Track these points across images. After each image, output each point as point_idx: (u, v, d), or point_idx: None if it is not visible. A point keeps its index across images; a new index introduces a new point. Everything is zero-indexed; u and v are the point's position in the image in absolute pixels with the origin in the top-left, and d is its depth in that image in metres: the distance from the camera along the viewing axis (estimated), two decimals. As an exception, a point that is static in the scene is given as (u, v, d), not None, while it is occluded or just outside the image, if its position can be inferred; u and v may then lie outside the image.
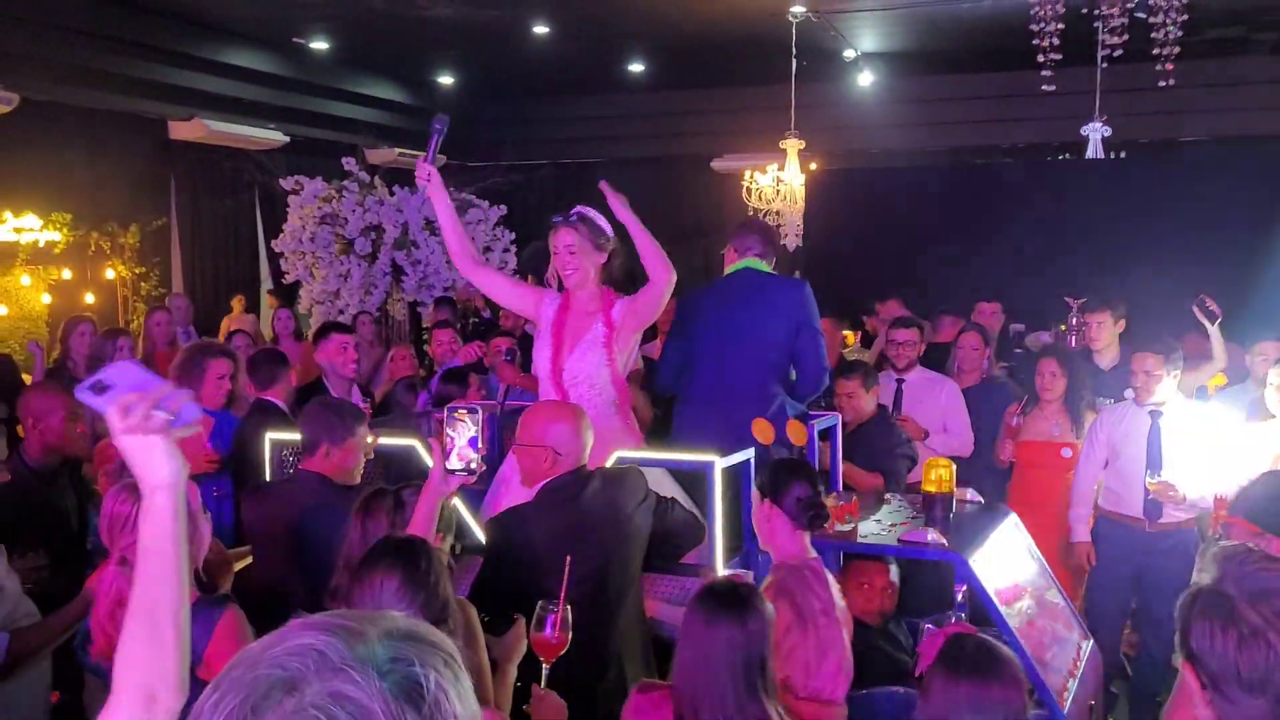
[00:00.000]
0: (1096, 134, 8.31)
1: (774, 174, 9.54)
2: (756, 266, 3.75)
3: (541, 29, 9.09)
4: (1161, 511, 4.05)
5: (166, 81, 8.76)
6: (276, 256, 8.50)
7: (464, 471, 2.34)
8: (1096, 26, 6.74)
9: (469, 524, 3.13)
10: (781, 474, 2.59)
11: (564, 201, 3.44)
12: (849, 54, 9.85)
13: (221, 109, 9.38)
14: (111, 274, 8.85)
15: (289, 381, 4.02)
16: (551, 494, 2.72)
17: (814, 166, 9.77)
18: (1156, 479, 3.94)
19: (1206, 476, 3.89)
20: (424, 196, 7.98)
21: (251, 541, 3.07)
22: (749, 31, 8.94)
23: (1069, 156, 10.02)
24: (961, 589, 2.68)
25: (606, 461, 2.97)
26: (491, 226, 8.44)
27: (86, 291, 8.61)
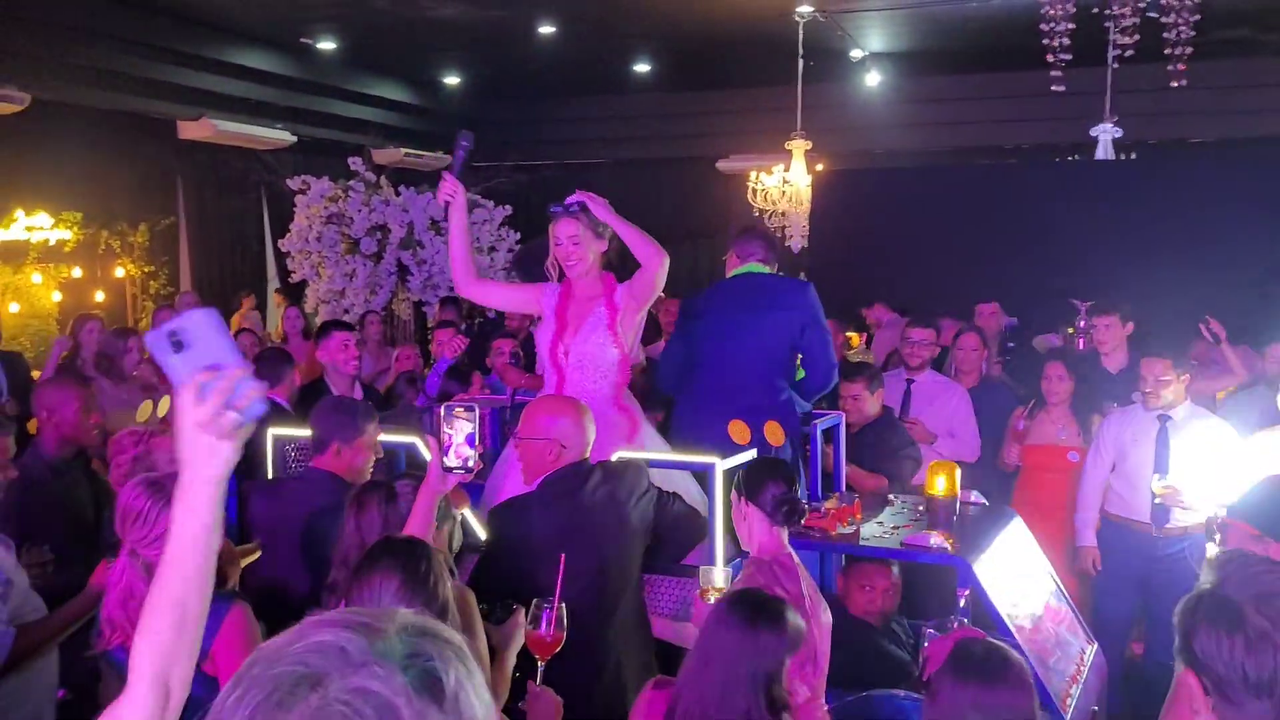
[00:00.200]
0: (1106, 135, 8.28)
1: (780, 175, 9.53)
2: (759, 271, 3.77)
3: (547, 29, 9.10)
4: (1169, 516, 4.03)
5: (175, 82, 8.80)
6: (283, 255, 8.52)
7: (461, 469, 2.34)
8: (1107, 27, 6.71)
9: (470, 523, 3.13)
10: (757, 473, 2.61)
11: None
12: (856, 54, 9.83)
13: (230, 109, 9.42)
14: (121, 272, 8.90)
15: (293, 380, 4.04)
16: (553, 487, 2.72)
17: (820, 167, 9.75)
18: (1163, 484, 3.92)
19: (1214, 482, 3.86)
20: (433, 200, 8.01)
21: (259, 538, 3.08)
22: (755, 32, 8.93)
23: (1078, 158, 9.98)
24: (964, 593, 2.67)
25: (609, 456, 2.97)
26: (496, 226, 8.45)
27: (96, 290, 8.67)
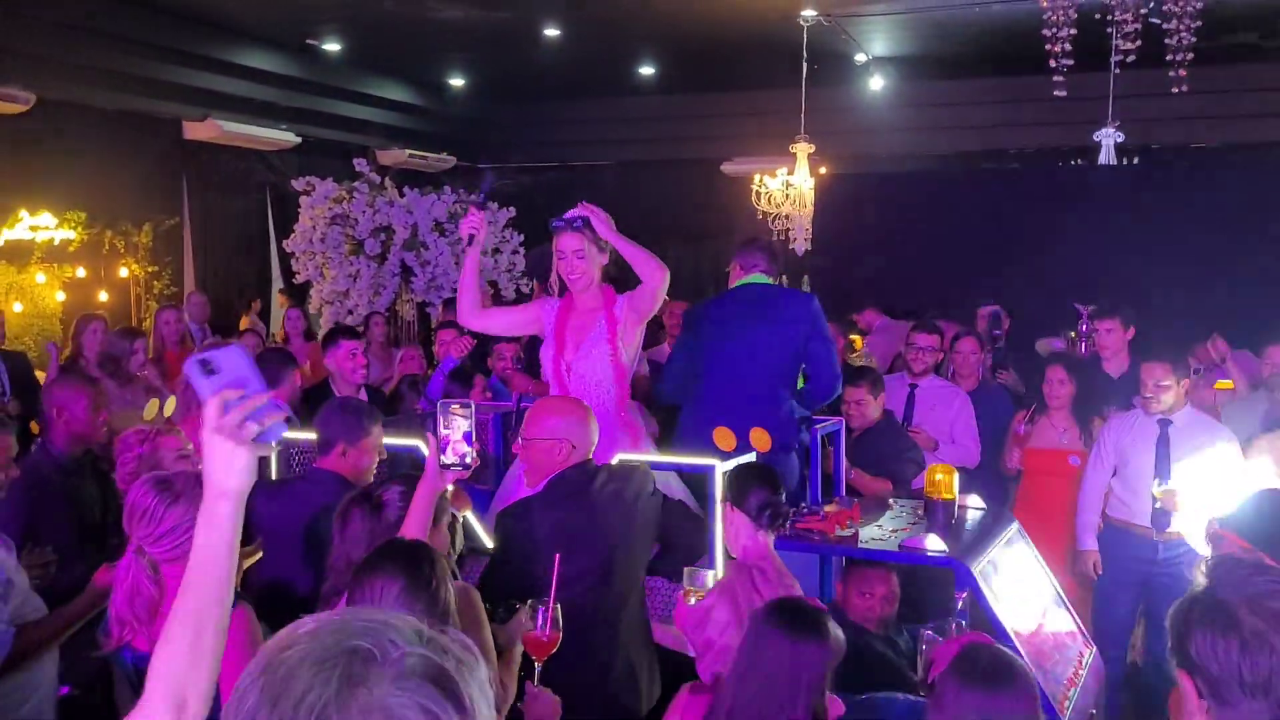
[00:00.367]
0: (1109, 140, 8.28)
1: (783, 178, 9.54)
2: (762, 283, 3.80)
3: (552, 32, 9.12)
4: (1169, 521, 4.03)
5: (181, 82, 8.83)
6: (288, 256, 8.55)
7: (458, 466, 2.35)
8: (1110, 32, 6.72)
9: (473, 526, 3.14)
10: (742, 478, 2.65)
11: (572, 204, 3.45)
12: (860, 58, 9.84)
13: (235, 109, 9.44)
14: (125, 272, 8.92)
15: (294, 382, 4.01)
16: (560, 487, 2.73)
17: (824, 171, 9.76)
18: (1164, 488, 3.92)
19: (1214, 487, 3.87)
20: (437, 202, 8.03)
21: (261, 538, 3.09)
22: (760, 35, 8.94)
23: (1080, 162, 9.99)
24: (962, 595, 2.68)
25: (610, 460, 2.98)
26: (500, 228, 8.46)
27: (100, 290, 8.68)
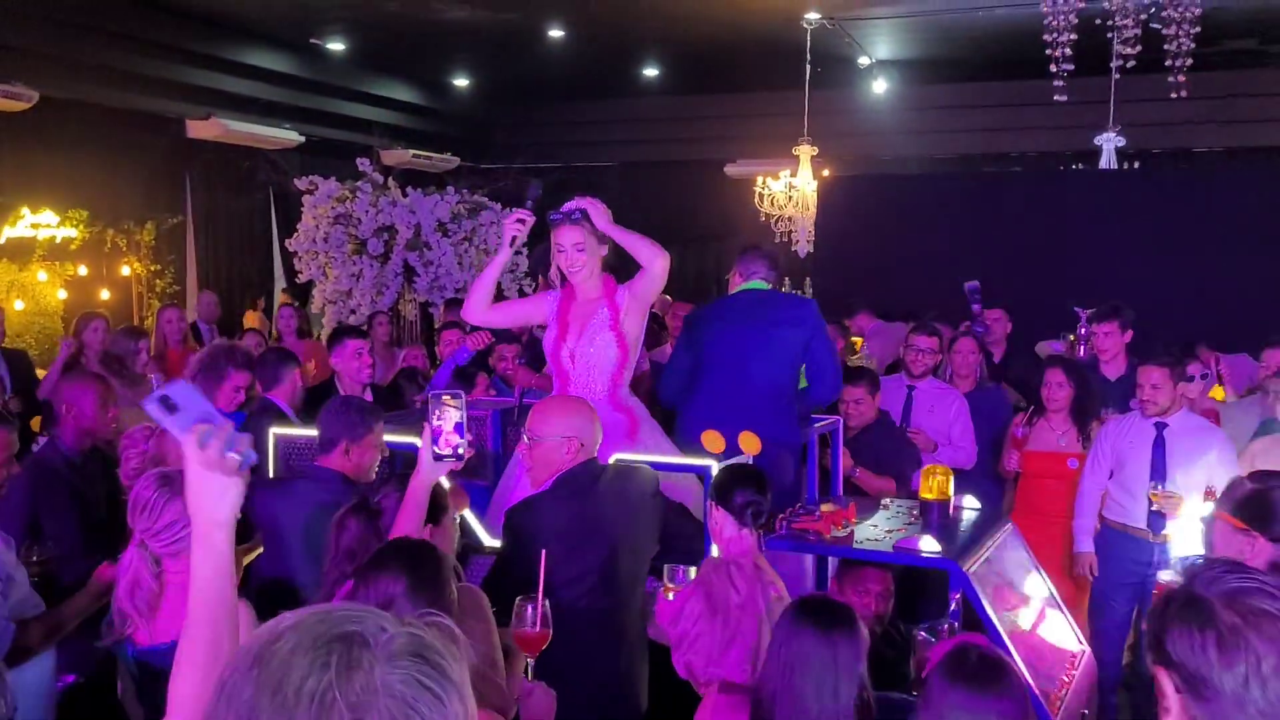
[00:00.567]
0: (1110, 144, 8.31)
1: (786, 180, 9.56)
2: (762, 288, 3.85)
3: (557, 33, 9.15)
4: (1165, 523, 4.05)
5: (185, 81, 8.86)
6: (291, 255, 8.57)
7: (451, 457, 2.36)
8: (1110, 37, 6.75)
9: (470, 524, 3.16)
10: (727, 479, 2.70)
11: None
12: (863, 61, 9.87)
13: (239, 108, 9.47)
14: (127, 271, 8.95)
15: (294, 381, 3.98)
16: (568, 485, 2.75)
17: (826, 173, 9.78)
18: (1160, 491, 3.94)
19: (1209, 489, 3.89)
20: (440, 202, 8.04)
21: (262, 535, 3.11)
22: (764, 37, 8.97)
23: (1082, 166, 10.01)
24: (956, 596, 2.70)
25: (608, 458, 3.00)
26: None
27: (102, 288, 8.71)
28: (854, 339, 6.70)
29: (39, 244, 8.12)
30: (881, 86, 10.39)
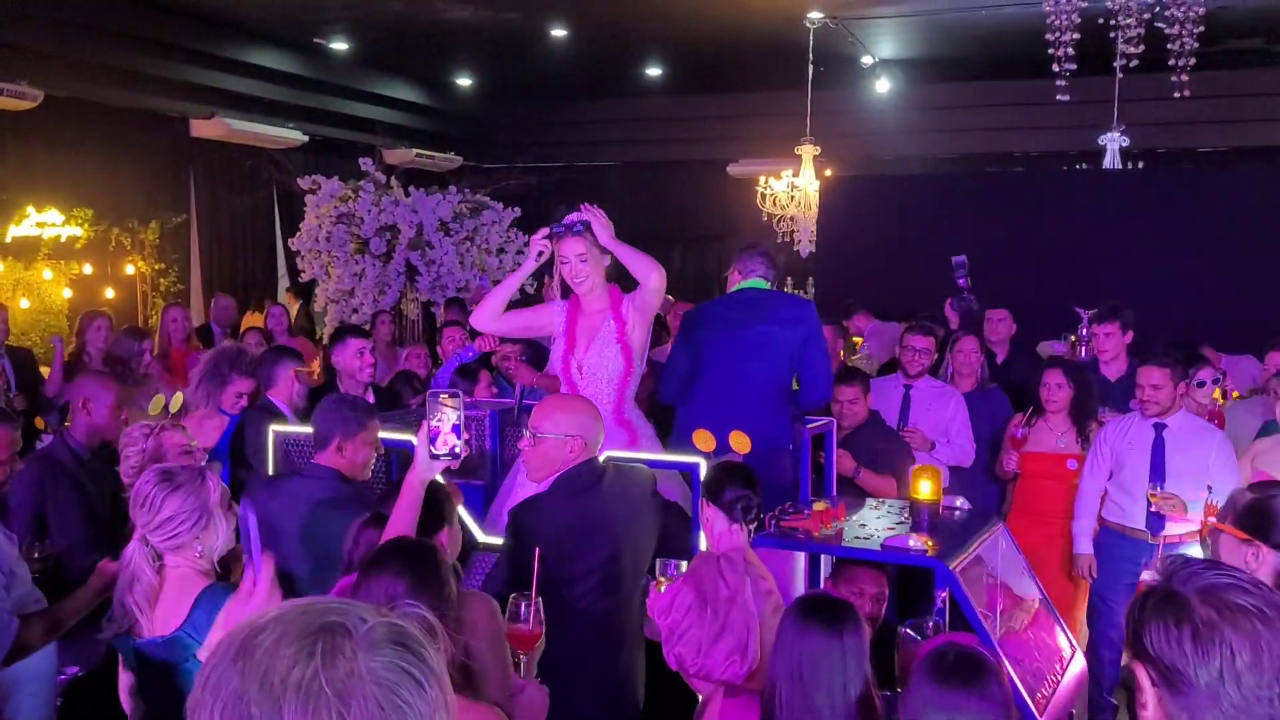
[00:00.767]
0: (1114, 144, 8.30)
1: (789, 180, 9.56)
2: (760, 287, 3.85)
3: (559, 32, 9.16)
4: (1164, 524, 4.04)
5: (188, 80, 8.89)
6: (294, 254, 8.59)
7: (448, 456, 2.36)
8: (1114, 37, 6.74)
9: (465, 522, 3.17)
10: (719, 476, 2.74)
11: (575, 207, 3.47)
12: (866, 60, 9.86)
13: (242, 108, 9.50)
14: (131, 269, 8.97)
15: (289, 379, 3.97)
16: (571, 483, 2.76)
17: (829, 173, 9.78)
18: (1159, 492, 3.93)
19: (1208, 490, 3.88)
20: (442, 202, 8.06)
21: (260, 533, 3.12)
22: (766, 37, 8.97)
23: (1086, 166, 10.00)
24: (942, 595, 2.70)
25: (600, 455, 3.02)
26: (505, 229, 8.50)
27: (106, 287, 8.73)
28: (854, 339, 6.71)
29: (44, 243, 8.15)
30: (884, 86, 10.39)
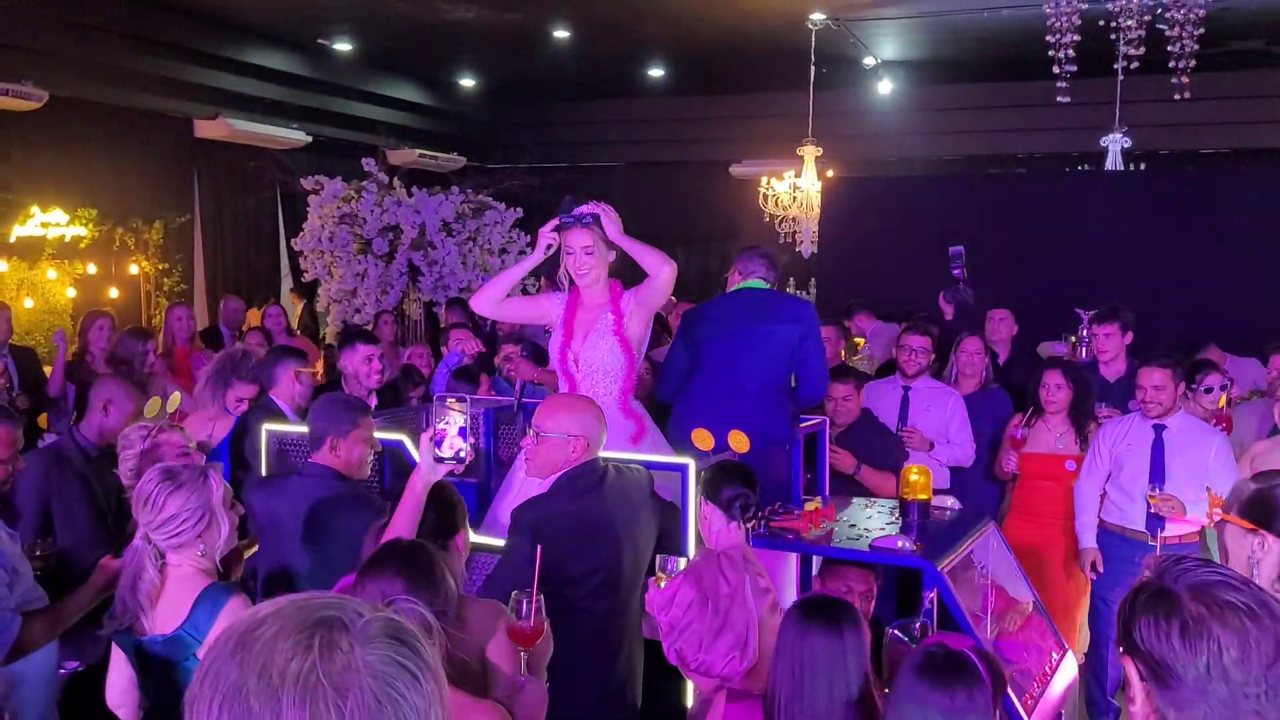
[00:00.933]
0: (1116, 145, 8.30)
1: (791, 180, 9.57)
2: (760, 287, 3.87)
3: (562, 33, 9.17)
4: (1164, 525, 4.05)
5: (192, 80, 8.91)
6: (297, 255, 8.61)
7: (453, 460, 2.37)
8: (1115, 39, 6.74)
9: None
10: (717, 475, 2.76)
11: (580, 198, 3.48)
12: (869, 61, 9.87)
13: (246, 108, 9.53)
14: (135, 269, 8.99)
15: (291, 379, 3.98)
16: (575, 483, 2.76)
17: (831, 174, 9.79)
18: (1158, 493, 3.94)
19: (1206, 491, 3.88)
20: (444, 202, 8.08)
21: (257, 532, 3.14)
22: (769, 38, 8.98)
23: (1088, 168, 9.99)
24: (930, 595, 2.71)
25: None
26: (508, 228, 8.51)
27: (110, 286, 8.75)
28: (856, 340, 6.71)
29: (48, 242, 8.17)
30: (886, 87, 10.39)
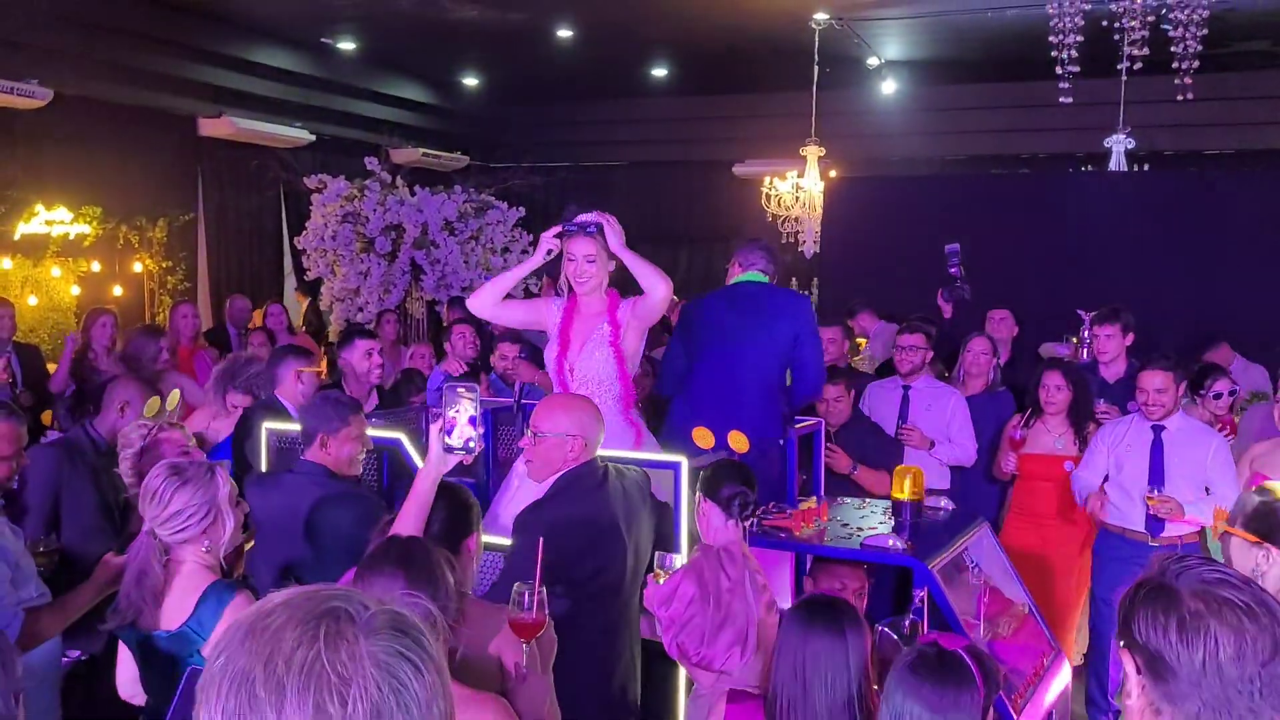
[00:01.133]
0: (1119, 146, 8.28)
1: (794, 180, 9.57)
2: (758, 280, 3.86)
3: (565, 33, 9.18)
4: (1164, 527, 4.05)
5: (196, 79, 8.93)
6: (300, 253, 8.63)
7: (463, 450, 2.34)
8: (1118, 39, 6.74)
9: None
10: (715, 473, 2.80)
11: (583, 205, 3.49)
12: (872, 61, 9.86)
13: (250, 107, 9.55)
14: (139, 267, 9.01)
15: (293, 378, 3.97)
16: (576, 484, 2.76)
17: (833, 174, 9.79)
18: (1157, 495, 3.94)
19: (1205, 493, 3.89)
20: (447, 201, 8.09)
21: (253, 529, 3.15)
22: (772, 38, 8.98)
23: (1091, 168, 9.98)
24: (920, 593, 2.72)
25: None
26: (510, 228, 8.52)
27: (114, 284, 8.78)
28: (858, 340, 6.71)
29: (52, 240, 8.19)
30: (889, 87, 10.39)
